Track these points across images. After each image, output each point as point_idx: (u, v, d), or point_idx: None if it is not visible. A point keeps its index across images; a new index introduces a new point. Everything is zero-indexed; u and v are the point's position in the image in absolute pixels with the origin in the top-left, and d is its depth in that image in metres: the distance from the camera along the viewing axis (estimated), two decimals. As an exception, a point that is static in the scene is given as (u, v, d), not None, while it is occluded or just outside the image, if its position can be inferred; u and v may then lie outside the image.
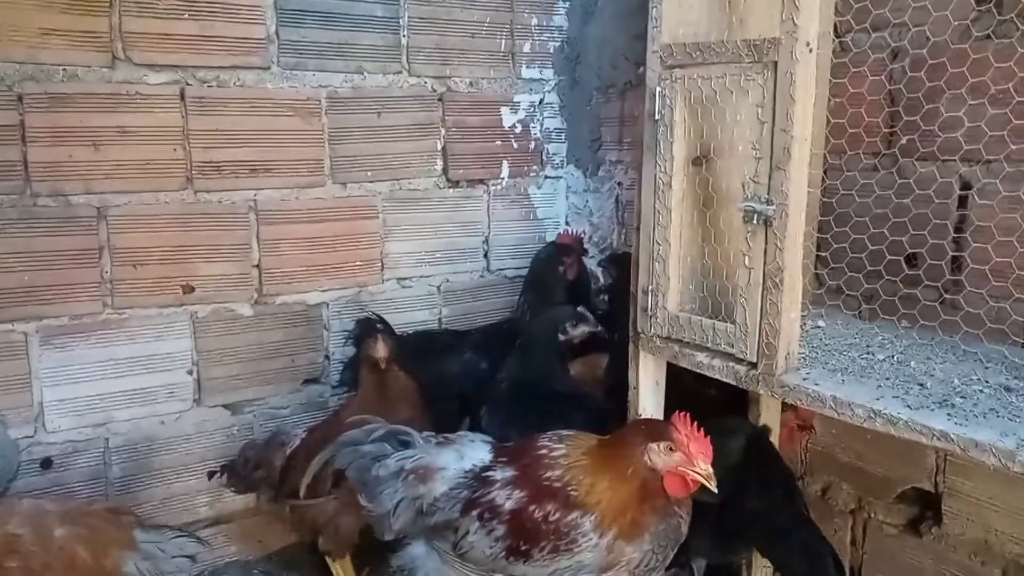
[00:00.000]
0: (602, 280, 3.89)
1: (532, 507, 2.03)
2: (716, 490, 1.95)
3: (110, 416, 3.00)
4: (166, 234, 3.02)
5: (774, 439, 2.69)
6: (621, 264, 3.37)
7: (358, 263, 3.45)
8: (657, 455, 1.97)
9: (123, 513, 2.49)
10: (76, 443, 2.95)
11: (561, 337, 2.90)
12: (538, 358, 2.89)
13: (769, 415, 2.72)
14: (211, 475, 3.05)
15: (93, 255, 2.90)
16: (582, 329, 2.92)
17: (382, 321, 3.26)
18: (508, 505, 2.05)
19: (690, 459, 1.94)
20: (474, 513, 2.08)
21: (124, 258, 2.95)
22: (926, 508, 2.62)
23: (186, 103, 2.99)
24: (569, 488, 2.02)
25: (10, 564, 2.19)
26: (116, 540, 2.35)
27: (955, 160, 2.21)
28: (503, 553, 2.04)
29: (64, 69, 2.79)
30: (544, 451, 2.13)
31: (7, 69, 2.70)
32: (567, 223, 3.97)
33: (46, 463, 2.91)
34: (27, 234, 2.79)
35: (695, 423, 1.98)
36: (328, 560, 2.94)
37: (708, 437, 1.97)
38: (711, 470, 1.94)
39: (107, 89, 2.86)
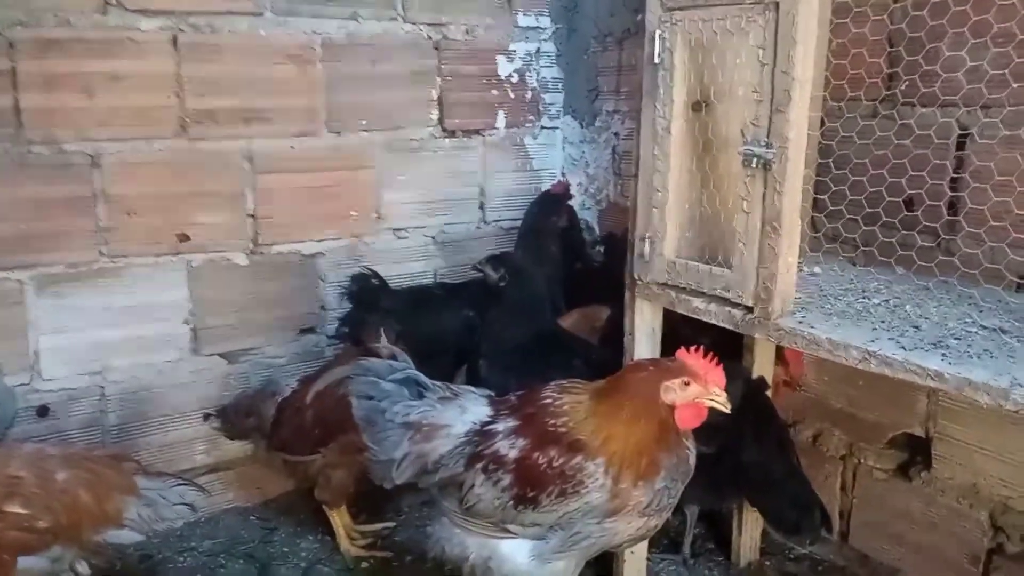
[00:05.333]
0: (598, 231, 3.90)
1: (536, 454, 2.03)
2: (728, 410, 1.97)
3: (106, 364, 3.00)
4: (161, 182, 2.99)
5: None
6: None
7: (353, 213, 3.44)
8: (673, 392, 1.97)
9: (125, 459, 2.49)
10: (72, 391, 2.96)
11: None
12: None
13: (762, 366, 2.74)
14: (207, 417, 3.07)
15: (87, 203, 2.88)
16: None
17: (377, 276, 3.27)
18: (512, 454, 2.05)
19: (707, 389, 1.96)
20: (479, 466, 2.07)
21: (118, 206, 2.93)
22: (916, 453, 2.67)
23: (179, 49, 2.95)
24: (575, 434, 2.02)
25: (11, 508, 2.19)
26: (119, 485, 2.35)
27: (956, 100, 2.19)
28: (511, 502, 2.04)
29: (55, 15, 2.74)
30: (547, 400, 2.12)
31: (-3, 13, 2.66)
32: (563, 174, 3.95)
33: (42, 411, 2.92)
34: (21, 182, 2.76)
35: (707, 353, 2.00)
36: (325, 508, 2.98)
37: (720, 365, 1.99)
38: (725, 395, 1.97)
39: (99, 35, 2.81)
